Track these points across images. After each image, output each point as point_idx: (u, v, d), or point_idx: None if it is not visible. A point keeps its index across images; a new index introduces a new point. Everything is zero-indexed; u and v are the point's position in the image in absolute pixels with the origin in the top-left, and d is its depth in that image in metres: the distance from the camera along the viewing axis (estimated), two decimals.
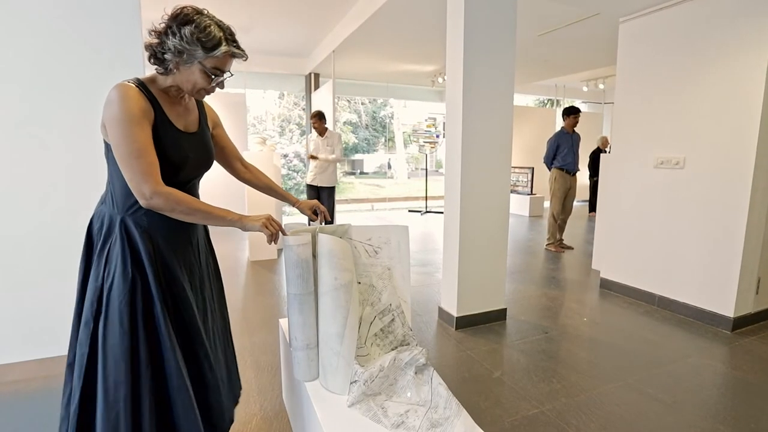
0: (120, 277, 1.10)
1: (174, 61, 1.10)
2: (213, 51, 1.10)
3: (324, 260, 1.24)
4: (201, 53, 1.09)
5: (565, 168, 4.88)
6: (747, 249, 2.68)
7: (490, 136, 2.71)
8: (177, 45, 1.08)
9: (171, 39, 1.08)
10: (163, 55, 1.10)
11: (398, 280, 1.35)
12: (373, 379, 1.20)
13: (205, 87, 1.16)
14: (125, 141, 1.05)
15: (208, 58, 1.10)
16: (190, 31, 1.07)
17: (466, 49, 2.55)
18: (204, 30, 1.08)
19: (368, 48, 5.62)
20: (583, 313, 3.09)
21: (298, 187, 9.62)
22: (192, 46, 1.08)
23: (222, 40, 1.10)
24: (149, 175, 1.06)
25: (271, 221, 1.21)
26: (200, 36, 1.08)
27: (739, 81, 2.64)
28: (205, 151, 1.29)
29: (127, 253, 1.12)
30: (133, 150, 1.05)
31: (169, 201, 1.08)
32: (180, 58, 1.10)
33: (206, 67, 1.12)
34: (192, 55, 1.09)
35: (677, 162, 3.00)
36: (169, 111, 1.18)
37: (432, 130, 8.68)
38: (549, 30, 4.87)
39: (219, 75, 1.15)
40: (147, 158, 1.07)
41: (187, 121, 1.24)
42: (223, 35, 1.11)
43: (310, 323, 1.29)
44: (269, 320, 2.92)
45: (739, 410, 1.91)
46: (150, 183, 1.06)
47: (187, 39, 1.07)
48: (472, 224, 2.73)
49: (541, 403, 1.96)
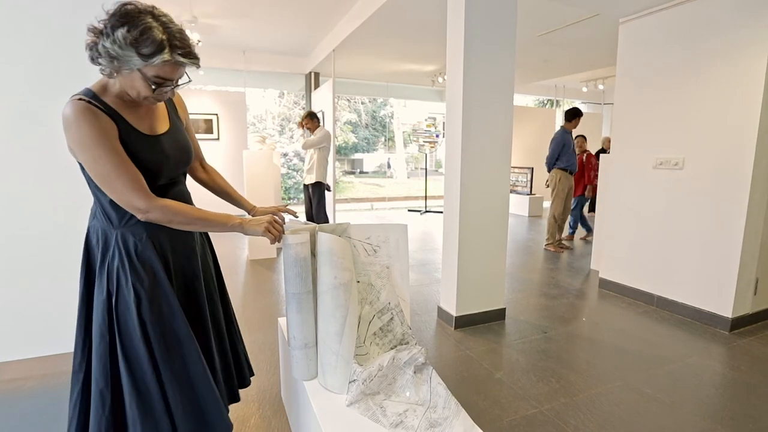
0: (124, 290, 1.09)
1: (109, 67, 0.98)
2: (150, 59, 0.96)
3: (323, 259, 1.23)
4: (138, 60, 0.96)
5: (568, 168, 4.87)
6: (745, 250, 2.68)
7: (490, 135, 2.71)
8: (109, 49, 0.95)
9: (103, 41, 0.95)
10: (97, 58, 0.98)
11: (397, 279, 1.35)
12: (372, 378, 1.20)
13: (148, 96, 1.03)
14: (96, 164, 0.99)
15: (147, 66, 0.97)
16: (122, 34, 0.93)
17: (467, 48, 2.55)
18: (142, 33, 0.93)
19: (368, 47, 5.62)
20: (582, 314, 3.09)
21: (298, 186, 9.62)
22: (125, 50, 0.94)
23: (164, 45, 0.96)
24: (137, 191, 1.01)
25: (273, 224, 1.19)
26: (135, 41, 0.94)
27: (738, 82, 2.64)
28: (181, 149, 1.21)
29: (126, 267, 1.09)
30: (110, 171, 0.99)
31: (166, 213, 1.05)
32: (114, 65, 0.97)
33: (146, 75, 0.99)
34: (127, 62, 0.96)
35: (676, 163, 3.01)
36: (131, 117, 1.08)
37: (432, 130, 8.68)
38: (549, 30, 4.87)
39: (163, 84, 1.02)
40: (127, 174, 1.01)
41: (153, 122, 1.15)
42: (166, 39, 0.96)
43: (309, 322, 1.29)
44: (268, 319, 2.92)
45: (737, 410, 1.91)
46: (142, 198, 1.02)
47: (120, 43, 0.94)
48: (471, 224, 2.73)
49: (540, 402, 1.96)
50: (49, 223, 2.08)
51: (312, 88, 7.20)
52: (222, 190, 1.45)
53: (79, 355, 1.17)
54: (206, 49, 5.99)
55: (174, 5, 4.46)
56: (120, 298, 1.09)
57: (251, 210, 1.44)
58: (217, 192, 1.46)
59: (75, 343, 1.17)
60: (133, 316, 1.08)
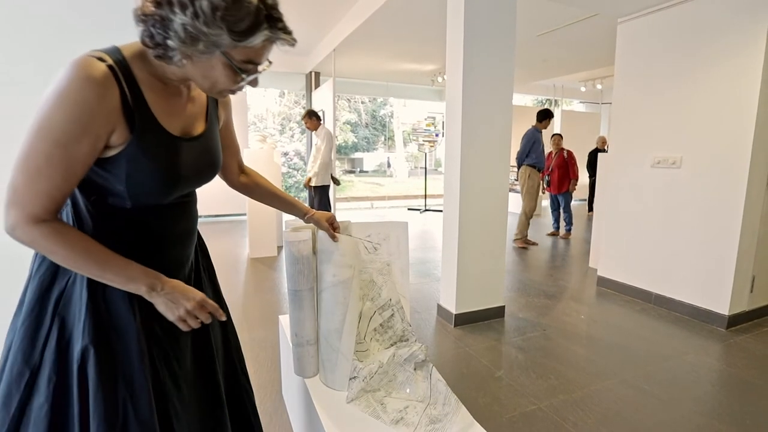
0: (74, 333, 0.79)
1: (182, 50, 0.69)
2: (246, 38, 0.69)
3: (323, 256, 1.25)
4: (227, 40, 0.69)
5: (537, 166, 5.03)
6: (742, 247, 2.70)
7: (490, 135, 2.73)
8: (189, 26, 0.66)
9: (179, 15, 0.65)
10: (164, 39, 0.68)
11: (397, 276, 1.36)
12: (372, 375, 1.22)
13: (230, 88, 0.78)
14: (25, 153, 0.68)
15: (238, 48, 0.71)
16: (210, 3, 0.65)
17: (466, 48, 2.56)
18: (234, 3, 0.66)
19: (368, 47, 5.63)
20: (580, 311, 3.11)
21: (298, 185, 9.64)
22: (213, 28, 0.67)
23: (262, 17, 0.69)
24: (21, 210, 0.69)
25: (197, 311, 0.81)
26: (227, 13, 0.66)
27: (735, 81, 2.65)
28: (209, 162, 0.91)
29: (84, 303, 0.78)
30: (31, 172, 0.68)
31: (48, 241, 0.71)
32: (193, 48, 0.69)
33: (233, 59, 0.72)
34: (213, 43, 0.69)
35: (674, 161, 3.02)
36: (159, 107, 0.78)
37: (431, 129, 8.70)
38: (548, 30, 4.89)
39: (252, 71, 0.76)
40: (50, 181, 0.69)
41: (187, 120, 0.85)
42: (264, 8, 0.69)
43: (310, 319, 1.31)
44: (269, 317, 2.94)
45: (734, 407, 1.93)
46: (18, 218, 0.69)
47: (206, 17, 0.65)
48: (471, 222, 2.75)
49: (539, 399, 1.98)
50: None
51: (312, 88, 7.22)
52: (270, 193, 1.17)
53: None
54: None
55: None
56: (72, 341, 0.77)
57: (306, 214, 1.21)
58: (264, 197, 1.18)
59: None
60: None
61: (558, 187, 5.63)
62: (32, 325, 0.78)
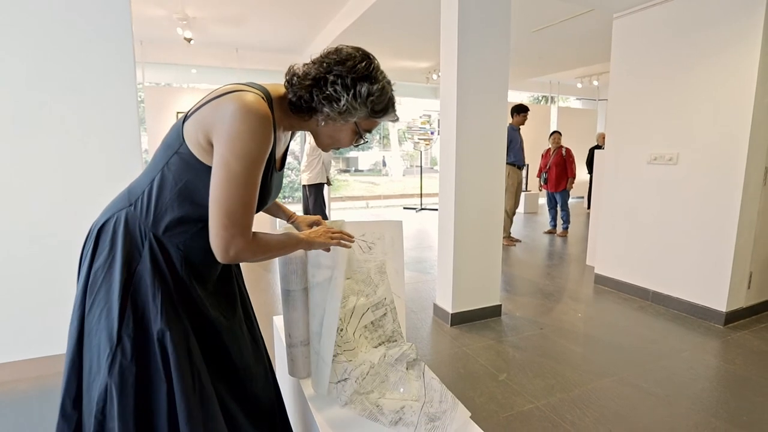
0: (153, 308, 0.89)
1: (329, 116, 0.86)
2: (380, 115, 0.90)
3: (310, 257, 1.22)
4: (364, 114, 0.88)
5: (516, 164, 5.00)
6: (739, 244, 2.70)
7: (485, 132, 2.71)
8: (347, 103, 0.84)
9: (340, 93, 0.83)
10: (323, 107, 0.85)
11: (392, 276, 1.34)
12: (363, 376, 1.19)
13: (345, 146, 0.96)
14: (242, 185, 0.79)
15: (368, 120, 0.91)
16: (368, 90, 0.85)
17: (461, 45, 2.54)
18: (382, 92, 0.87)
19: (362, 44, 5.45)
20: (577, 309, 3.10)
21: (293, 185, 9.59)
22: (361, 107, 0.86)
23: (393, 104, 0.91)
24: (246, 233, 0.82)
25: (332, 234, 1.04)
26: (375, 99, 0.86)
27: (731, 77, 2.65)
28: (280, 189, 1.05)
29: (156, 279, 0.89)
30: (247, 201, 0.80)
31: (256, 251, 0.85)
32: (340, 116, 0.86)
33: (360, 127, 0.92)
34: (351, 115, 0.87)
35: (671, 158, 3.02)
36: (278, 140, 0.92)
37: (426, 127, 8.67)
38: (543, 26, 4.87)
39: (366, 135, 0.95)
40: (252, 211, 0.83)
41: (281, 154, 1.00)
42: (392, 95, 0.91)
43: (303, 320, 1.28)
44: (263, 317, 2.90)
45: (731, 403, 1.92)
46: (244, 241, 0.81)
47: (361, 99, 0.85)
48: (466, 221, 2.73)
49: (537, 398, 1.96)
50: (43, 223, 2.05)
51: None
52: (274, 204, 1.30)
53: (73, 388, 0.91)
54: (198, 48, 5.94)
55: (166, 2, 4.42)
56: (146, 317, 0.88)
57: (291, 218, 1.30)
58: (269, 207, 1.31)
59: (66, 367, 0.92)
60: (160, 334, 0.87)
61: (555, 185, 5.63)
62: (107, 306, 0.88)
